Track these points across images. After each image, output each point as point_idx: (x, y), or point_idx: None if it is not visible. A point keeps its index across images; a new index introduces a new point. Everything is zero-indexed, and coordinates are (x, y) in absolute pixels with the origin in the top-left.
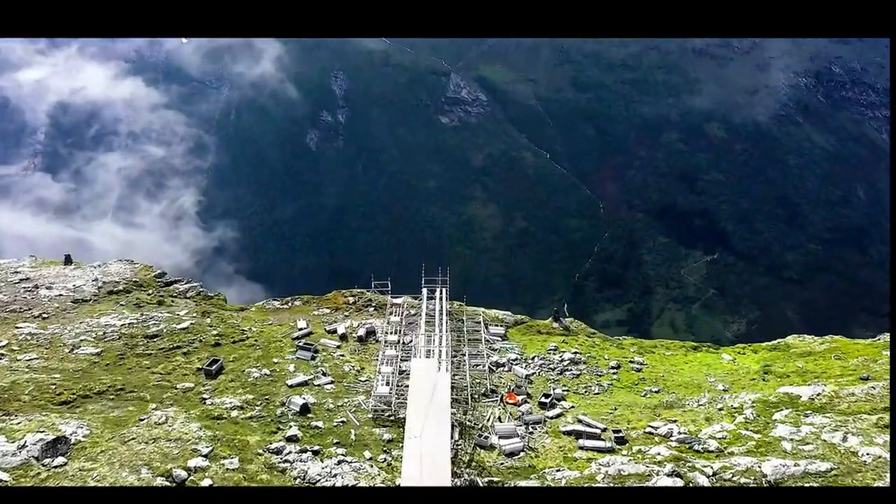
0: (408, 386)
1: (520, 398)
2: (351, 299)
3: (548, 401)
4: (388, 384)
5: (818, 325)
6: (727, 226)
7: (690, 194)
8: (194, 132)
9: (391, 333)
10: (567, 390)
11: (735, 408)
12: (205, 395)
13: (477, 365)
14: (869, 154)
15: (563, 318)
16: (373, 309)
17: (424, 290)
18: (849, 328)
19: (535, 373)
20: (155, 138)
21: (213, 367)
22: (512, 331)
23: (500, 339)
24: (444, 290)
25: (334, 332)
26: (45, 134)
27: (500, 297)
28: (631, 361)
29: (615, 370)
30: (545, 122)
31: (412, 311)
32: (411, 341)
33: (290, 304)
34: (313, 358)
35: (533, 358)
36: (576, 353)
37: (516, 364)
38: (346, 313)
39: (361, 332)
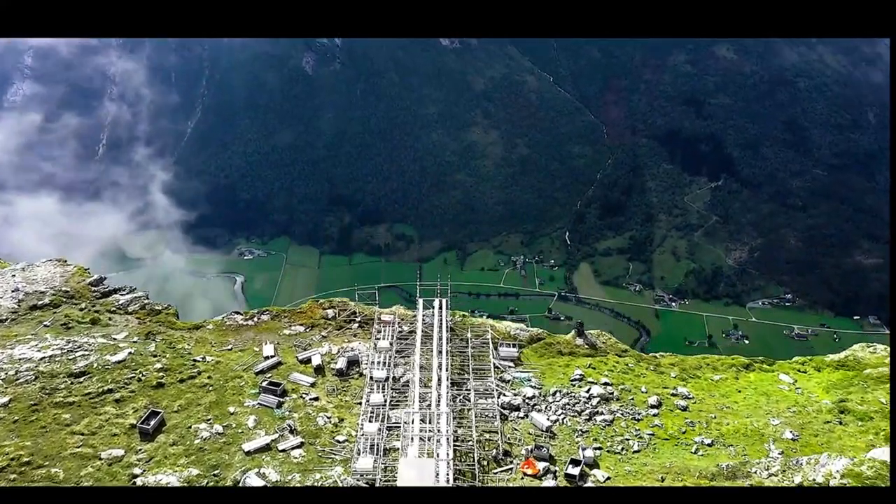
0: (396, 461)
1: (540, 466)
2: (330, 312)
3: (577, 471)
4: (372, 449)
5: (820, 253)
6: (733, 152)
7: (697, 119)
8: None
9: (378, 365)
10: (599, 449)
11: (819, 482)
12: (136, 470)
13: (486, 410)
14: (883, 77)
15: (588, 333)
16: (357, 326)
17: (420, 303)
18: (850, 253)
19: (558, 419)
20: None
21: (151, 423)
22: (527, 350)
23: (512, 363)
24: (443, 301)
25: (308, 361)
26: None
27: (502, 225)
28: (673, 393)
29: (656, 409)
30: (548, 44)
31: (405, 329)
32: (403, 375)
33: (256, 319)
34: (280, 405)
35: (554, 393)
36: (606, 384)
37: (534, 406)
38: (325, 331)
39: (342, 362)
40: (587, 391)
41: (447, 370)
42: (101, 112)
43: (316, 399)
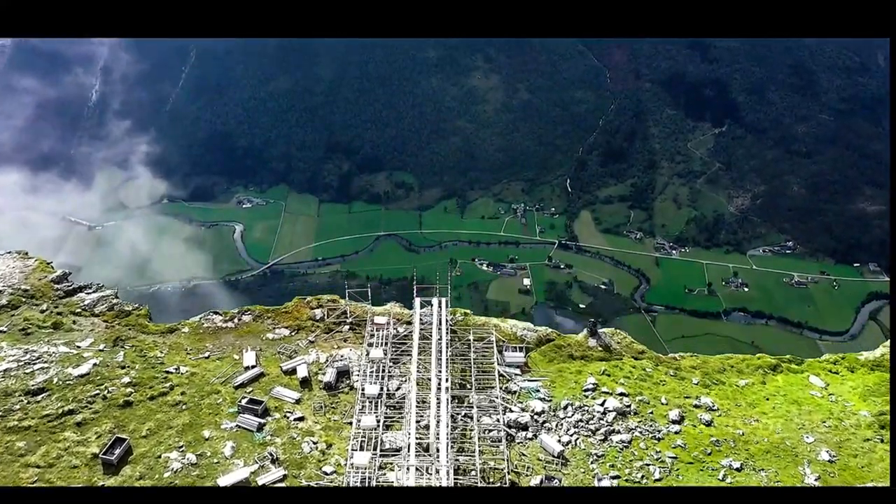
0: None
1: None
2: (318, 312)
3: None
4: (363, 484)
5: (823, 200)
6: (738, 96)
7: (702, 63)
8: None
9: (371, 378)
10: (617, 477)
11: None
12: None
13: (490, 430)
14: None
15: (602, 333)
16: (347, 328)
17: (417, 304)
18: (853, 199)
19: (570, 440)
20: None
21: (116, 452)
22: (535, 354)
23: (518, 370)
24: (442, 301)
25: (293, 373)
26: None
27: (502, 173)
28: (696, 404)
29: (678, 425)
30: None
31: (401, 330)
32: (398, 388)
33: (236, 320)
34: (261, 428)
35: (565, 407)
36: (622, 395)
37: (544, 424)
38: (312, 335)
39: (330, 374)
40: (602, 404)
41: (447, 381)
42: (96, 54)
43: (301, 419)
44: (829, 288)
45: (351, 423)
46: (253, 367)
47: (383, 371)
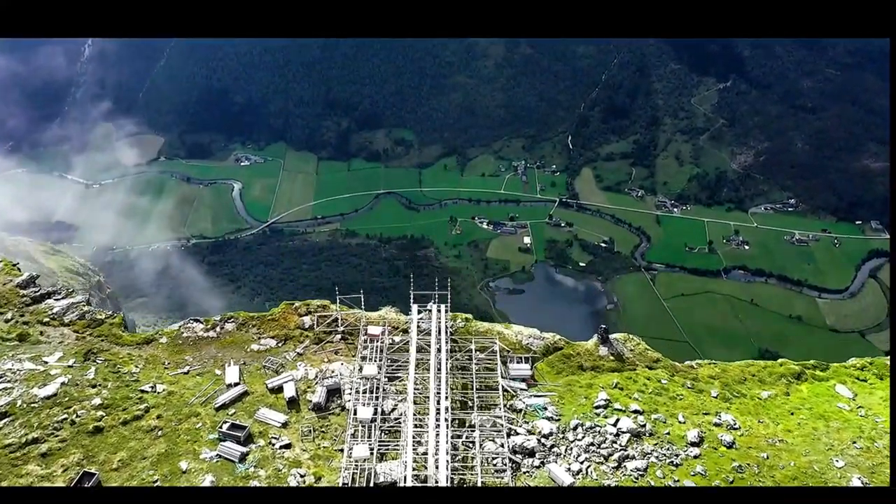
0: None
1: None
2: (307, 320)
3: None
4: None
5: (826, 156)
6: (744, 51)
7: None
8: None
9: (364, 398)
10: None
11: None
12: None
13: (494, 459)
14: None
15: (613, 340)
16: (339, 338)
17: (414, 311)
18: (857, 156)
19: (581, 468)
20: None
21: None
22: (542, 365)
23: (524, 384)
24: (442, 309)
25: (279, 391)
26: None
27: (503, 129)
28: (716, 422)
29: (697, 448)
30: None
31: (397, 339)
32: (394, 409)
33: (218, 328)
34: (244, 458)
35: (575, 428)
36: (636, 412)
37: (552, 448)
38: (300, 346)
39: (320, 393)
40: (615, 424)
41: (447, 399)
42: None
43: (288, 446)
44: (830, 246)
45: (342, 451)
46: (236, 384)
47: (377, 389)
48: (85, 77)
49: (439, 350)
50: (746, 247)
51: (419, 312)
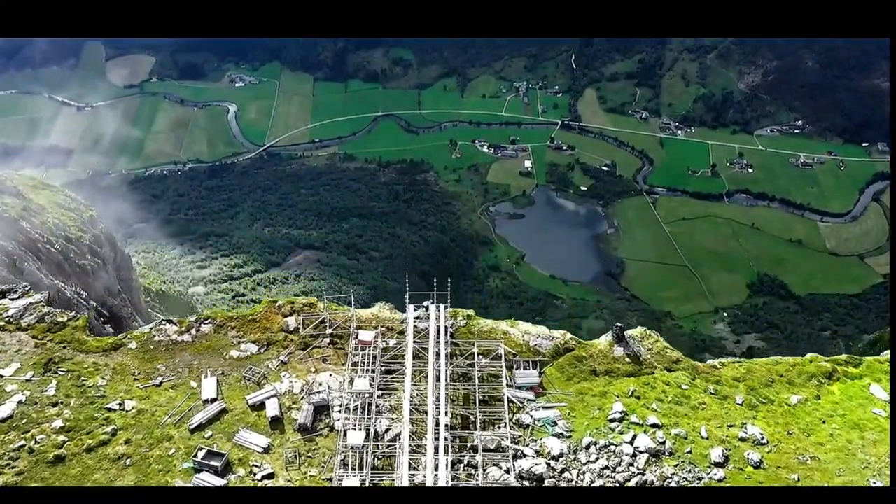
0: None
1: None
2: (291, 321)
3: None
4: None
5: (836, 75)
6: None
7: None
8: None
9: (355, 417)
10: None
11: None
12: None
13: (498, 485)
14: None
15: (629, 339)
16: (327, 342)
17: (410, 312)
18: (868, 75)
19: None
20: None
21: None
22: (551, 370)
23: (531, 394)
24: (441, 310)
25: (261, 407)
26: None
27: (504, 49)
28: (742, 437)
29: (721, 469)
30: None
31: (391, 342)
32: (388, 430)
33: (194, 331)
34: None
35: (588, 447)
36: (654, 426)
37: (563, 473)
38: (285, 353)
39: (306, 411)
40: (631, 441)
41: (447, 415)
42: None
43: (271, 476)
44: (835, 168)
45: (331, 480)
46: (213, 399)
47: (370, 406)
48: None
49: (438, 356)
50: (750, 170)
51: (415, 310)
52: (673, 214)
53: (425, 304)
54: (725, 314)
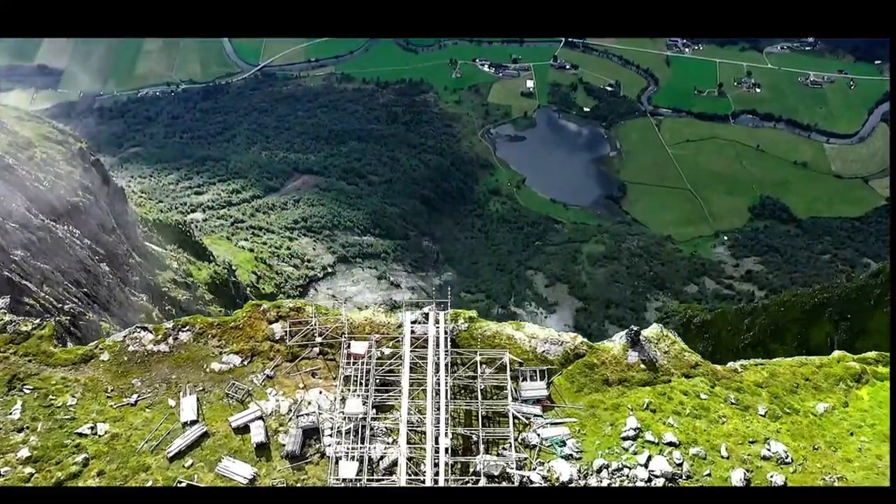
0: None
1: None
2: (277, 328)
3: None
4: None
5: None
6: None
7: None
8: None
9: (347, 440)
10: None
11: None
12: None
13: None
14: None
15: (644, 342)
16: (317, 352)
17: (407, 319)
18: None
19: None
20: None
21: None
22: (560, 379)
23: (538, 408)
24: (440, 318)
25: (245, 430)
26: None
27: None
28: (765, 455)
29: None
30: None
31: (386, 351)
32: (383, 456)
33: (171, 340)
34: None
35: (599, 470)
36: (671, 444)
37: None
38: (270, 365)
39: (294, 437)
40: (646, 464)
41: (447, 436)
42: None
43: None
44: (845, 87)
45: None
46: (193, 422)
47: (363, 429)
48: None
49: (437, 368)
50: (758, 89)
51: (412, 314)
52: (677, 136)
53: (424, 309)
54: (726, 238)
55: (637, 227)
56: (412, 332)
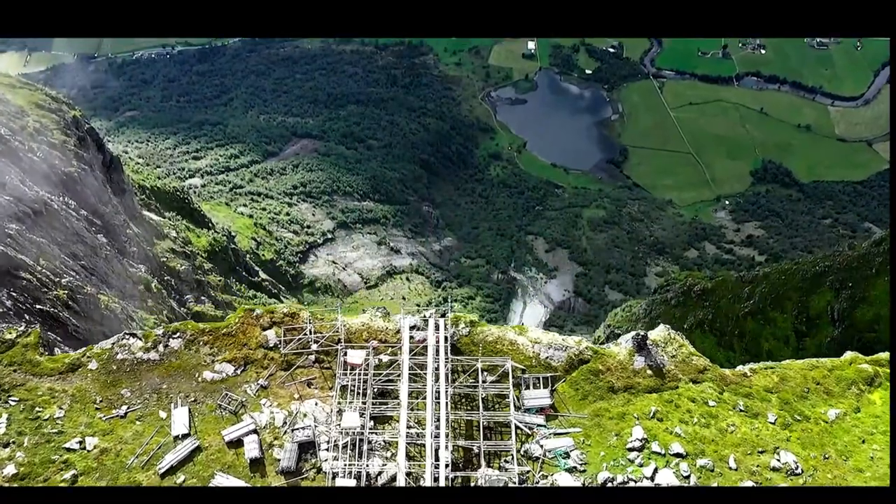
0: None
1: None
2: (271, 335)
3: None
4: None
5: None
6: None
7: None
8: None
9: (344, 455)
10: None
11: None
12: None
13: None
14: None
15: (651, 346)
16: (313, 360)
17: (405, 325)
18: None
19: None
20: None
21: None
22: (564, 386)
23: (542, 417)
24: (440, 326)
25: (239, 444)
26: None
27: None
28: (774, 466)
29: None
30: None
31: (385, 360)
32: (381, 472)
33: (161, 348)
34: None
35: (604, 483)
36: (678, 455)
37: None
38: (264, 375)
39: (289, 451)
40: (652, 476)
41: (447, 448)
42: None
43: None
44: (851, 49)
45: None
46: (185, 435)
47: (361, 443)
48: None
49: (437, 377)
50: (763, 51)
51: (411, 318)
52: (680, 99)
53: (424, 314)
54: (727, 202)
55: (638, 191)
56: (411, 338)
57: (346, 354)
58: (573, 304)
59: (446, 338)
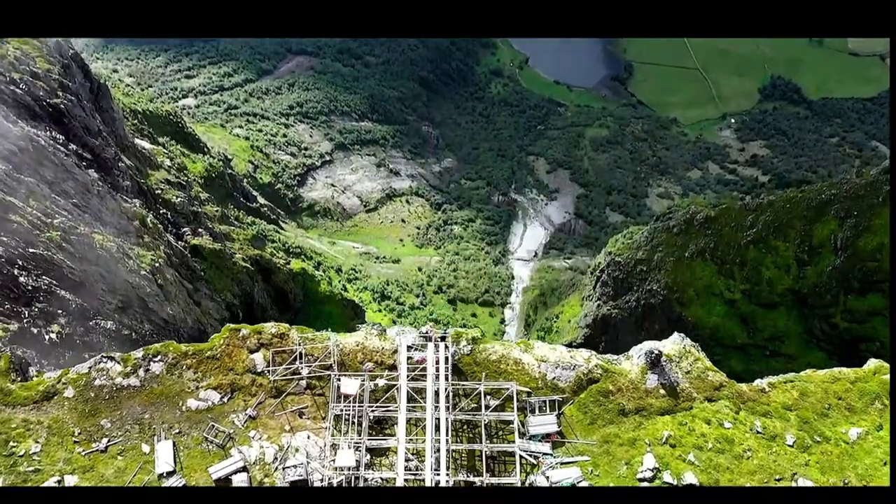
0: None
1: None
2: (259, 359)
3: None
4: None
5: None
6: None
7: None
8: None
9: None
10: None
11: None
12: None
13: None
14: None
15: (665, 362)
16: (304, 386)
17: (403, 347)
18: None
19: None
20: None
21: None
22: (572, 409)
23: (548, 444)
24: (441, 349)
25: (227, 481)
26: None
27: None
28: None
29: None
30: None
31: (381, 383)
32: None
33: (142, 372)
34: None
35: None
36: (691, 490)
37: None
38: (253, 403)
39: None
40: None
41: (448, 482)
42: None
43: None
44: None
45: None
46: (170, 472)
47: (356, 481)
48: None
49: (437, 402)
50: None
51: (409, 336)
52: None
53: (423, 330)
54: (733, 120)
55: (643, 109)
56: (409, 359)
57: (339, 383)
58: (574, 226)
59: (447, 358)
